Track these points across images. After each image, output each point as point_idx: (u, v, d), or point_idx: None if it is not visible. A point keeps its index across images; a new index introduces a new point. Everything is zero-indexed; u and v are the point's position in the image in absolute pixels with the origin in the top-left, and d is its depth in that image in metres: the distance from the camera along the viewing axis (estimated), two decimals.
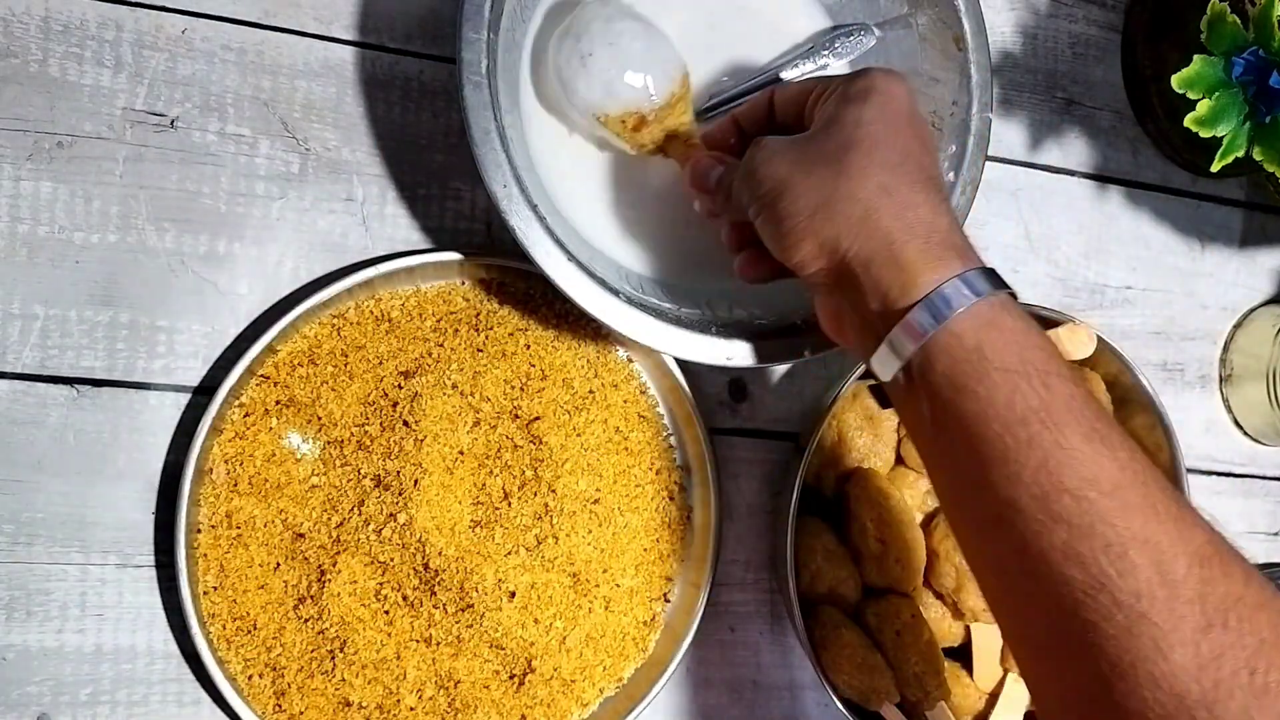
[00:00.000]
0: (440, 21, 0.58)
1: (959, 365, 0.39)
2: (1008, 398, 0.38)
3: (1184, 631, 0.35)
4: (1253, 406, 0.70)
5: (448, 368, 0.54)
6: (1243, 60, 0.55)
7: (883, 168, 0.42)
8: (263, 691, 0.52)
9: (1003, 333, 0.39)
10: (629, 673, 0.58)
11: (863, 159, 0.42)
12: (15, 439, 0.53)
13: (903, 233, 0.41)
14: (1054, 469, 0.37)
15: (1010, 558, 0.39)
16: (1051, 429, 0.38)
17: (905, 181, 0.42)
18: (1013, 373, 0.39)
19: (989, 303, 0.40)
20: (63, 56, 0.54)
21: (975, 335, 0.39)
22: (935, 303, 0.40)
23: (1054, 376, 0.39)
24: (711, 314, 0.55)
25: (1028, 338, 0.39)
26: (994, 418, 0.39)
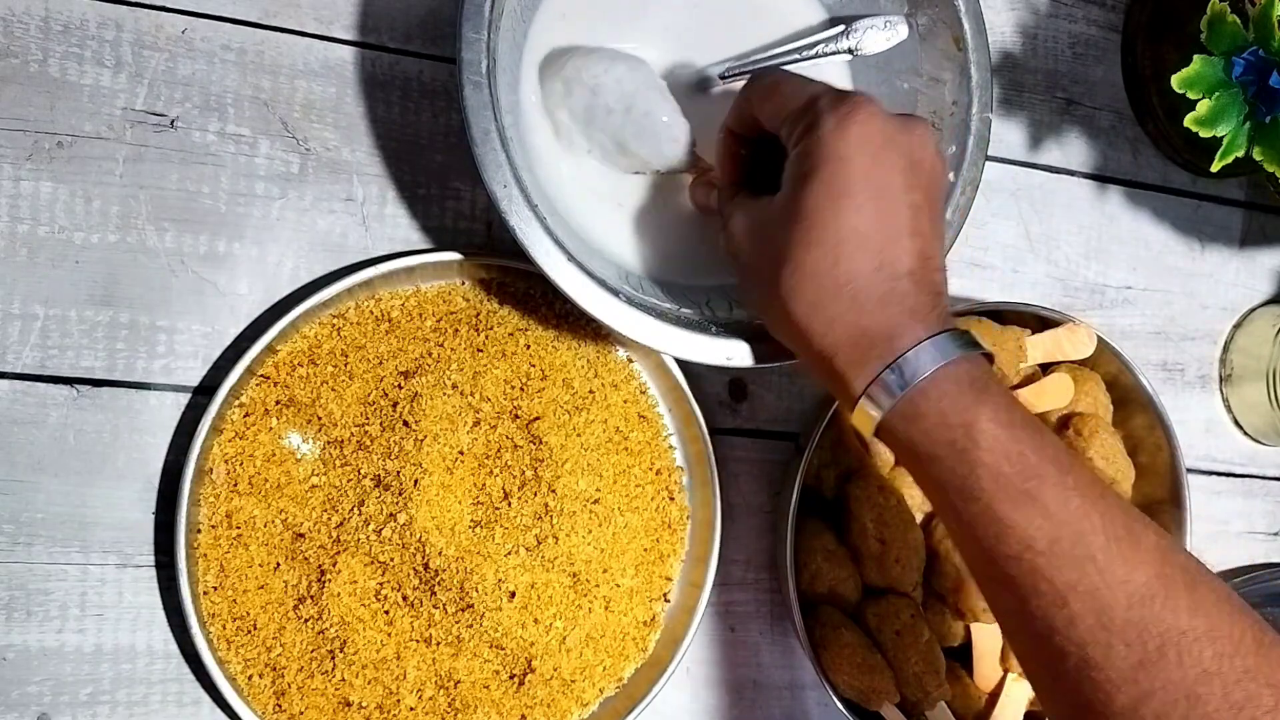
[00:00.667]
0: (440, 21, 0.58)
1: (900, 451, 0.44)
2: (937, 481, 0.42)
3: (1123, 670, 0.38)
4: (1253, 406, 0.70)
5: (448, 368, 0.54)
6: (1243, 60, 0.55)
7: (811, 279, 0.43)
8: (263, 691, 0.52)
9: (920, 422, 0.42)
10: (629, 673, 0.58)
11: (795, 272, 0.43)
12: (15, 439, 0.53)
13: (831, 348, 0.43)
14: (994, 538, 0.41)
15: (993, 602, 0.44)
16: (981, 502, 0.41)
17: (830, 290, 0.43)
18: (937, 460, 0.42)
19: (908, 398, 0.42)
20: (63, 56, 0.54)
21: (903, 429, 0.43)
22: (865, 409, 0.43)
23: (976, 450, 0.41)
24: (711, 314, 0.55)
25: (947, 416, 0.42)
26: (936, 496, 0.43)
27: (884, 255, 0.43)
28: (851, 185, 0.43)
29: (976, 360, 0.43)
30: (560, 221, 0.53)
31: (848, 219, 0.43)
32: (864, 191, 0.43)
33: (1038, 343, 0.60)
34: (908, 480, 0.60)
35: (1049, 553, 0.40)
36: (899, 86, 0.59)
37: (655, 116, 0.52)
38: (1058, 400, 0.61)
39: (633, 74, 0.52)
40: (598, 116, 0.52)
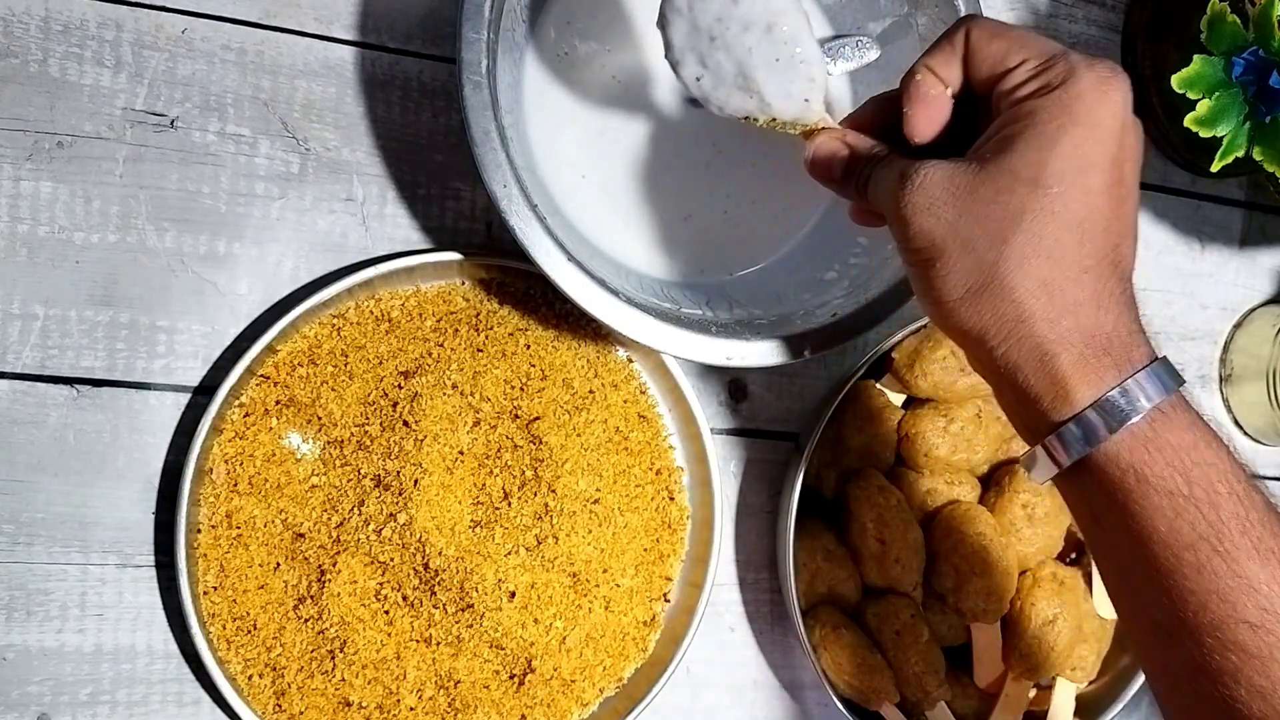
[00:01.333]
0: (440, 21, 0.58)
1: (1115, 485, 0.37)
2: (1171, 524, 0.36)
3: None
4: (1253, 406, 0.70)
5: (448, 368, 0.54)
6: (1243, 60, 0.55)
7: (1049, 256, 0.37)
8: (263, 691, 0.53)
9: (1164, 451, 0.36)
10: (629, 673, 0.58)
11: (1030, 242, 0.37)
12: (15, 439, 0.53)
13: (1057, 342, 0.37)
14: (1229, 597, 0.35)
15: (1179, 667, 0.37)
16: (1223, 556, 0.35)
17: (1071, 273, 0.37)
18: (1176, 495, 0.36)
19: (1149, 418, 0.36)
20: (63, 56, 0.54)
21: (1132, 456, 0.36)
22: (1085, 425, 0.37)
23: (1222, 495, 0.36)
24: (711, 314, 0.55)
25: (1194, 453, 0.36)
26: (1157, 541, 0.36)
27: (1119, 250, 0.38)
28: (1101, 159, 0.37)
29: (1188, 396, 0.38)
30: (560, 221, 0.53)
31: (1093, 197, 0.37)
32: (1110, 170, 0.37)
33: None
34: (908, 480, 0.60)
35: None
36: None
37: (799, 45, 0.43)
38: None
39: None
40: (729, 31, 0.43)
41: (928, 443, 0.58)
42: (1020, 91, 0.38)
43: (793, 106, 0.44)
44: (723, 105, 0.45)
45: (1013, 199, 0.37)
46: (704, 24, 0.43)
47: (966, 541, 0.57)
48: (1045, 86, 0.38)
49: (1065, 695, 0.61)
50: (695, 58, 0.44)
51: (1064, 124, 0.37)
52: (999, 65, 0.39)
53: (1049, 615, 0.58)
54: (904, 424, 0.59)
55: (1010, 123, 0.38)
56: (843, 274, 0.56)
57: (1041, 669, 0.59)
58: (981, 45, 0.40)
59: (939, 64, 0.41)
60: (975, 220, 0.37)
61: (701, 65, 0.44)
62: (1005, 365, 0.38)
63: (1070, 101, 0.37)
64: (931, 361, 0.57)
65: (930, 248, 0.38)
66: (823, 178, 0.45)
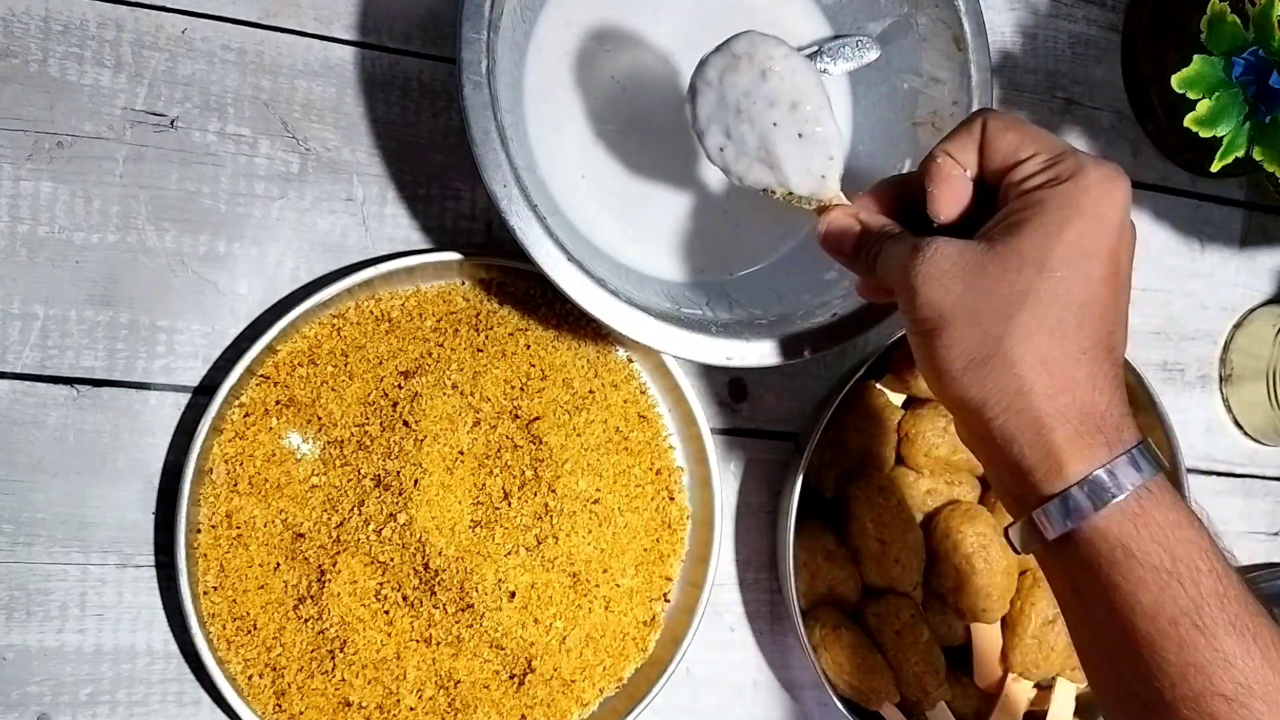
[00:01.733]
0: (440, 21, 0.58)
1: (1103, 558, 0.38)
2: (1156, 598, 0.37)
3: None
4: (1253, 406, 0.70)
5: (448, 368, 0.54)
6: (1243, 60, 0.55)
7: (1051, 335, 0.38)
8: (263, 691, 0.52)
9: (1150, 527, 0.38)
10: (629, 673, 0.58)
11: (1034, 319, 0.38)
12: (15, 439, 0.53)
13: (1054, 416, 0.38)
14: (1206, 671, 0.37)
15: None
16: (1202, 630, 0.37)
17: (1071, 353, 0.39)
18: (1161, 571, 0.37)
19: (1137, 495, 0.38)
20: (63, 56, 0.54)
21: (1120, 530, 0.38)
22: (1079, 496, 0.38)
23: (1202, 573, 0.37)
24: (712, 314, 0.55)
25: (1178, 530, 0.38)
26: (1140, 615, 0.38)
27: (1113, 335, 0.40)
28: (1101, 250, 0.39)
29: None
30: (560, 221, 0.53)
31: (1093, 284, 0.39)
32: (1109, 262, 0.39)
33: None
34: (908, 480, 0.60)
35: (1264, 697, 0.36)
36: (899, 86, 0.59)
37: (820, 124, 0.45)
38: None
39: (808, 71, 0.45)
40: (755, 106, 0.45)
41: (928, 443, 0.58)
42: (1030, 182, 0.40)
43: (810, 182, 0.46)
44: (743, 176, 0.46)
45: (1019, 279, 0.39)
46: (731, 98, 0.45)
47: (966, 541, 0.57)
48: (1054, 179, 0.40)
49: (1065, 695, 0.61)
50: (720, 129, 0.46)
51: (1070, 215, 0.39)
52: (1011, 156, 0.41)
53: (1049, 615, 0.58)
54: (904, 424, 0.59)
55: (1019, 209, 0.40)
56: (843, 274, 0.56)
57: (1041, 669, 0.59)
58: (996, 136, 0.42)
59: (957, 150, 0.43)
60: (982, 295, 0.39)
61: (726, 137, 0.46)
62: (1002, 436, 0.39)
63: (1077, 195, 0.39)
64: None
65: (938, 318, 0.40)
66: (834, 251, 0.46)
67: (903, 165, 0.58)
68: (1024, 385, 0.38)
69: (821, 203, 0.46)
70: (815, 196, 0.46)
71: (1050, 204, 0.39)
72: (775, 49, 0.45)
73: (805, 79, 0.45)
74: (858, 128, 0.60)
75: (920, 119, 0.58)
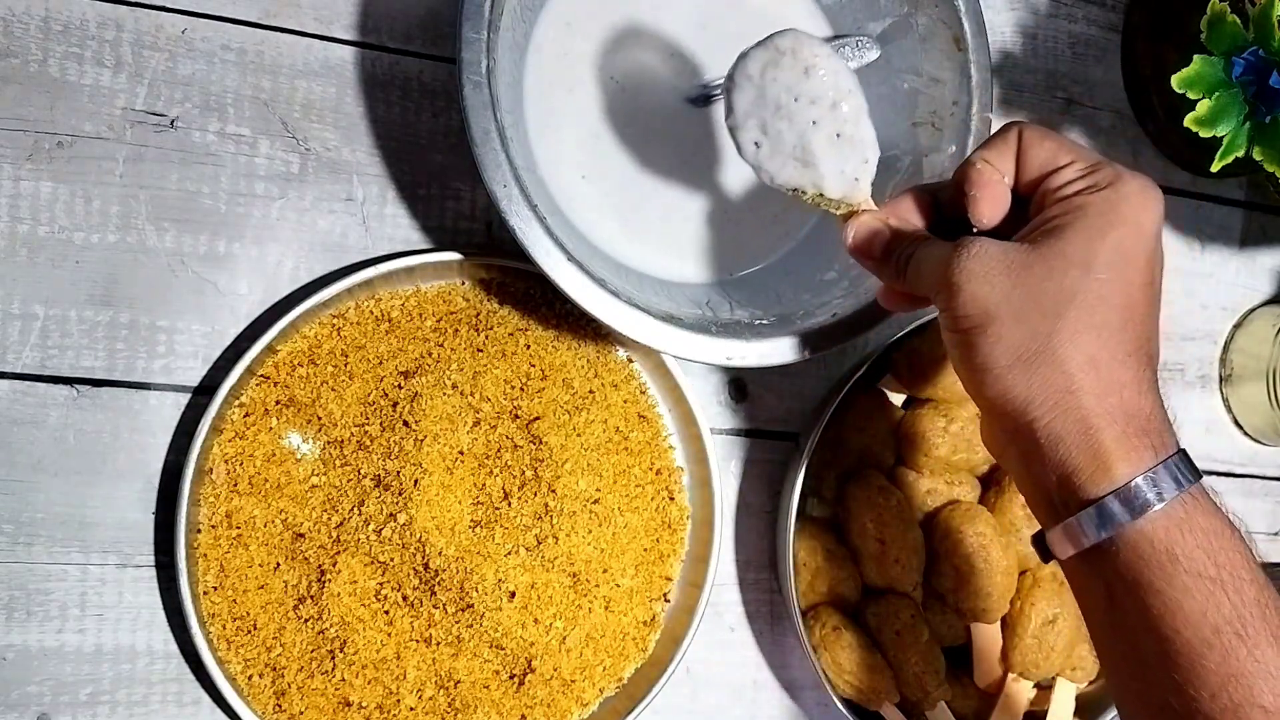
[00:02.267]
0: (440, 21, 0.58)
1: (1146, 564, 0.38)
2: (1200, 605, 0.37)
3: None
4: (1253, 406, 0.70)
5: (448, 368, 0.54)
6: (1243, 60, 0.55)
7: (1098, 335, 0.38)
8: (263, 691, 0.52)
9: (1195, 534, 0.38)
10: (629, 673, 0.58)
11: (1081, 318, 0.38)
12: (15, 439, 0.53)
13: (1102, 416, 0.38)
14: (1247, 682, 0.36)
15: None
16: (1246, 641, 0.36)
17: (1118, 354, 0.39)
18: (1206, 579, 0.37)
19: (1182, 500, 0.38)
20: (63, 56, 0.54)
21: (1166, 535, 0.37)
22: (1127, 498, 0.38)
23: (1245, 581, 0.37)
24: (712, 314, 0.55)
25: (1220, 539, 0.38)
26: (1183, 623, 0.37)
27: (1152, 342, 0.40)
28: (1140, 258, 0.40)
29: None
30: (560, 221, 0.53)
31: (1134, 290, 0.40)
32: (1147, 269, 0.40)
33: None
34: (908, 480, 0.60)
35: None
36: (899, 86, 0.59)
37: (859, 125, 0.45)
38: None
39: (848, 73, 0.45)
40: (798, 103, 0.44)
41: (928, 443, 0.58)
42: (1070, 188, 0.41)
43: (843, 184, 0.45)
44: (775, 175, 0.46)
45: (1066, 279, 0.39)
46: (772, 94, 0.45)
47: (966, 541, 0.57)
48: (1093, 186, 0.40)
49: (1065, 695, 0.61)
50: (758, 125, 0.45)
51: (1112, 220, 0.39)
52: (1049, 164, 0.42)
53: (1049, 615, 0.58)
54: (904, 424, 0.59)
55: (1061, 214, 0.40)
56: (842, 274, 0.56)
57: (1041, 669, 0.59)
58: (1033, 144, 0.43)
59: (995, 157, 0.43)
60: (1028, 293, 0.39)
61: (762, 133, 0.45)
62: (1047, 436, 0.39)
63: (1118, 201, 0.40)
64: (931, 361, 0.57)
65: (983, 314, 0.40)
66: (863, 255, 0.46)
67: (902, 165, 0.58)
68: (1073, 384, 0.38)
69: (851, 207, 0.46)
70: (846, 199, 0.46)
71: (1091, 209, 0.40)
72: (820, 47, 0.45)
73: (847, 80, 0.45)
74: None
75: (920, 119, 0.58)
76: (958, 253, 0.41)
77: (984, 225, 0.44)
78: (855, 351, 0.63)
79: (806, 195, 0.46)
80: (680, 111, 0.57)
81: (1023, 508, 0.59)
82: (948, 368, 0.57)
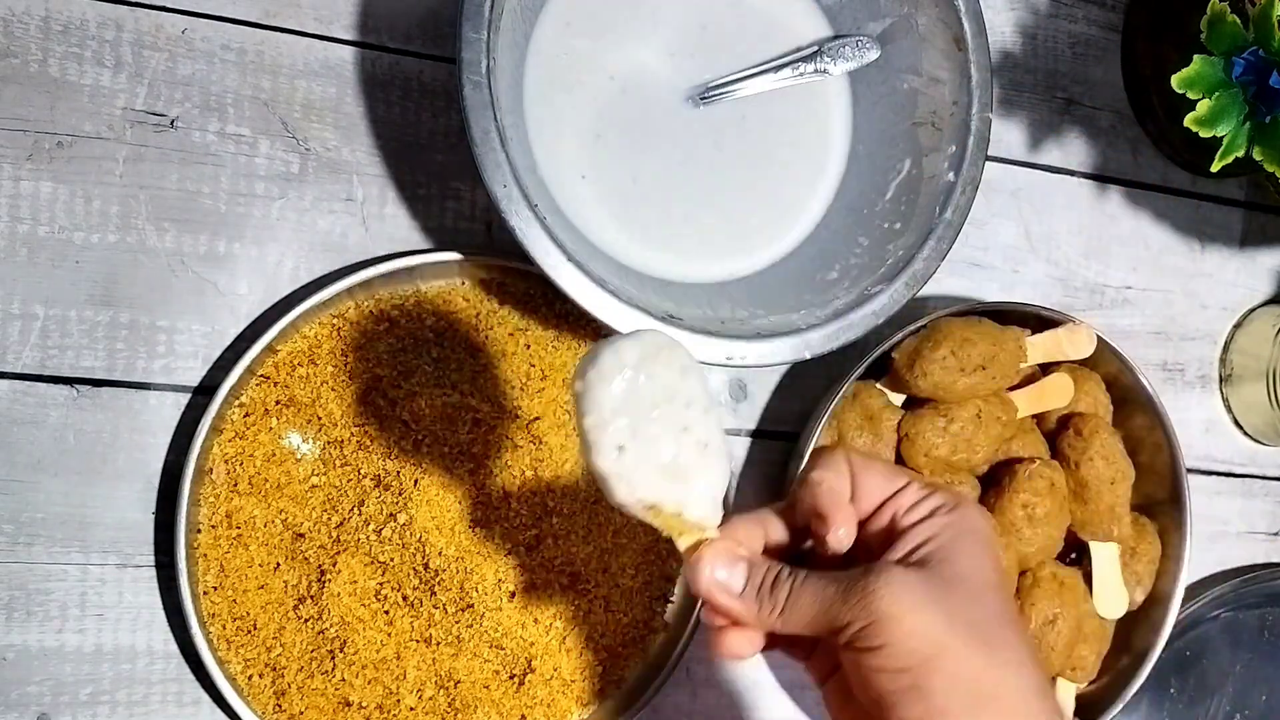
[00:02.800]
0: (440, 21, 0.58)
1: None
2: None
3: None
4: (1253, 406, 0.70)
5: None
6: (1243, 60, 0.55)
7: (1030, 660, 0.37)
8: (263, 691, 0.52)
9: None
10: (629, 673, 0.58)
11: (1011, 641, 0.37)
12: (15, 439, 0.53)
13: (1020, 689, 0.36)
14: None
15: None
16: None
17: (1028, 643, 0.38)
18: None
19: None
20: (63, 56, 0.54)
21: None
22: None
23: None
24: (712, 314, 0.55)
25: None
26: None
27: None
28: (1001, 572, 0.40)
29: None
30: (560, 221, 0.53)
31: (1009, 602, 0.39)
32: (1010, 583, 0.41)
33: (1038, 343, 0.60)
34: None
35: None
36: (899, 86, 0.59)
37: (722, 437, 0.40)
38: (1058, 400, 0.61)
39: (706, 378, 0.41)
40: (673, 404, 0.38)
41: (928, 443, 0.58)
42: (919, 510, 0.39)
43: (707, 504, 0.39)
44: (634, 486, 0.38)
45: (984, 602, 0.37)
46: (648, 392, 0.38)
47: None
48: (943, 506, 0.39)
49: (1065, 695, 0.61)
50: (628, 426, 0.37)
51: (979, 539, 0.38)
52: (887, 488, 0.40)
53: (1049, 615, 0.58)
54: (904, 424, 0.59)
55: (931, 536, 0.38)
56: (843, 274, 0.56)
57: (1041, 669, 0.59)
58: (864, 468, 0.40)
59: (834, 480, 0.40)
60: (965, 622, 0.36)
61: (631, 435, 0.38)
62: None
63: (973, 519, 0.39)
64: (931, 361, 0.57)
65: (933, 646, 0.36)
66: (718, 593, 0.39)
67: (902, 165, 0.58)
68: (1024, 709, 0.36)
69: (703, 534, 0.39)
70: (703, 523, 0.39)
71: (958, 530, 0.38)
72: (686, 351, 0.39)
73: (707, 386, 0.40)
74: (858, 128, 0.60)
75: (920, 119, 0.58)
76: (879, 581, 0.36)
77: (836, 550, 0.39)
78: (855, 351, 0.63)
79: (662, 514, 0.38)
80: (680, 111, 0.57)
81: (1023, 507, 0.59)
82: (948, 368, 0.57)
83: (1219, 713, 0.70)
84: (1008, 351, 0.59)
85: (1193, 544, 0.62)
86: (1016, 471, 0.59)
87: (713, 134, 0.57)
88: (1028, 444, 0.61)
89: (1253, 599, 0.70)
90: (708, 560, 0.39)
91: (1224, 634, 0.70)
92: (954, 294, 0.66)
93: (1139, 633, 0.62)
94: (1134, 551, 0.62)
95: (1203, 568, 0.70)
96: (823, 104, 0.60)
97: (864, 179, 0.59)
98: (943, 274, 0.57)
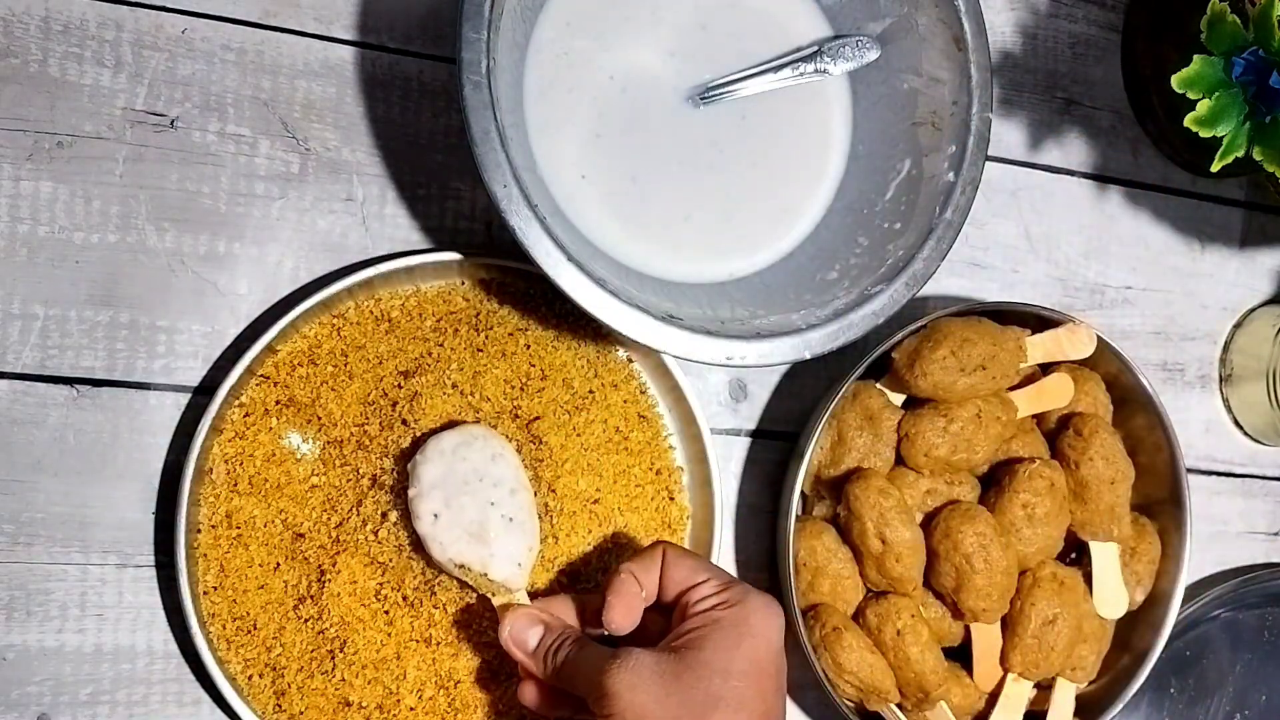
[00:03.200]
0: (440, 21, 0.59)
1: None
2: None
3: None
4: (1253, 406, 0.70)
5: (447, 368, 0.54)
6: (1243, 60, 0.55)
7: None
8: (263, 691, 0.53)
9: None
10: None
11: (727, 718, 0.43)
12: (15, 439, 0.53)
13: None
14: None
15: None
16: None
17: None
18: None
19: None
20: (63, 56, 0.54)
21: None
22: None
23: None
24: (712, 314, 0.55)
25: None
26: None
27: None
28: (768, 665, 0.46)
29: None
30: (560, 221, 0.53)
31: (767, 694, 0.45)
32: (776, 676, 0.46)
33: (1038, 343, 0.60)
34: (908, 480, 0.60)
35: None
36: (899, 86, 0.59)
37: (531, 516, 0.52)
38: (1058, 400, 0.61)
39: (523, 470, 0.53)
40: (482, 483, 0.51)
41: (928, 443, 0.58)
42: (705, 603, 0.46)
43: (509, 568, 0.50)
44: (445, 547, 0.50)
45: (711, 685, 0.44)
46: (461, 470, 0.50)
47: (966, 541, 0.57)
48: (725, 602, 0.46)
49: (1065, 695, 0.61)
50: (442, 497, 0.50)
51: (743, 632, 0.45)
52: (688, 580, 0.47)
53: (1049, 615, 0.58)
54: (904, 424, 0.59)
55: (699, 625, 0.46)
56: (843, 274, 0.56)
57: (1041, 669, 0.59)
58: (674, 562, 0.48)
59: (640, 571, 0.48)
60: (681, 700, 0.43)
61: (444, 505, 0.50)
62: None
63: (747, 615, 0.46)
64: (931, 361, 0.57)
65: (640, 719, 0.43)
66: (516, 647, 0.49)
67: (902, 165, 0.58)
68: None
69: (510, 594, 0.50)
70: (507, 584, 0.50)
71: (725, 623, 0.45)
72: (505, 441, 0.52)
73: (523, 475, 0.52)
74: (858, 128, 0.60)
75: (920, 119, 0.58)
76: (615, 661, 0.44)
77: (616, 630, 0.47)
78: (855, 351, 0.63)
79: (471, 573, 0.50)
80: (680, 111, 0.57)
81: (1023, 507, 0.59)
82: (948, 368, 0.57)
83: (1219, 713, 0.71)
84: (1008, 351, 0.59)
85: (1193, 544, 0.62)
86: (1016, 471, 0.59)
87: (712, 134, 0.57)
88: (1028, 444, 0.61)
89: (1253, 599, 0.70)
90: (509, 619, 0.48)
91: (1224, 634, 0.70)
92: (954, 294, 0.66)
93: (1139, 633, 0.62)
94: (1134, 551, 0.62)
95: (1203, 568, 0.70)
96: (823, 104, 0.60)
97: (864, 179, 0.59)
98: (943, 274, 0.57)
